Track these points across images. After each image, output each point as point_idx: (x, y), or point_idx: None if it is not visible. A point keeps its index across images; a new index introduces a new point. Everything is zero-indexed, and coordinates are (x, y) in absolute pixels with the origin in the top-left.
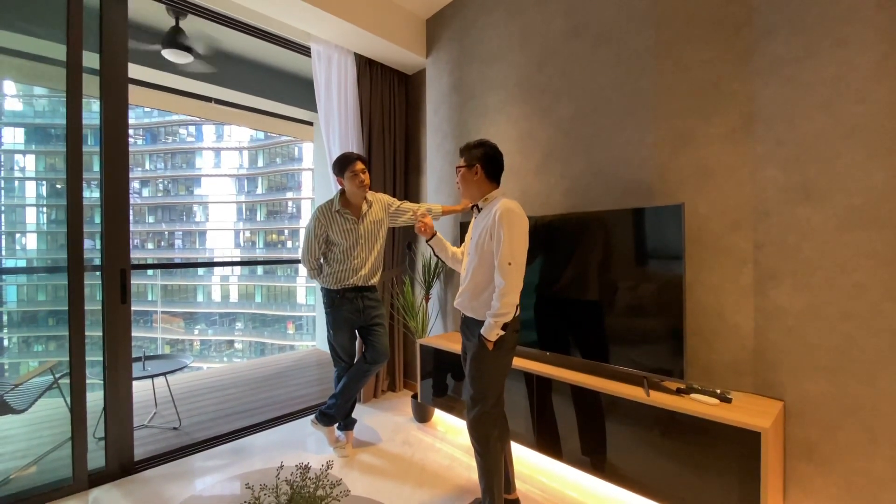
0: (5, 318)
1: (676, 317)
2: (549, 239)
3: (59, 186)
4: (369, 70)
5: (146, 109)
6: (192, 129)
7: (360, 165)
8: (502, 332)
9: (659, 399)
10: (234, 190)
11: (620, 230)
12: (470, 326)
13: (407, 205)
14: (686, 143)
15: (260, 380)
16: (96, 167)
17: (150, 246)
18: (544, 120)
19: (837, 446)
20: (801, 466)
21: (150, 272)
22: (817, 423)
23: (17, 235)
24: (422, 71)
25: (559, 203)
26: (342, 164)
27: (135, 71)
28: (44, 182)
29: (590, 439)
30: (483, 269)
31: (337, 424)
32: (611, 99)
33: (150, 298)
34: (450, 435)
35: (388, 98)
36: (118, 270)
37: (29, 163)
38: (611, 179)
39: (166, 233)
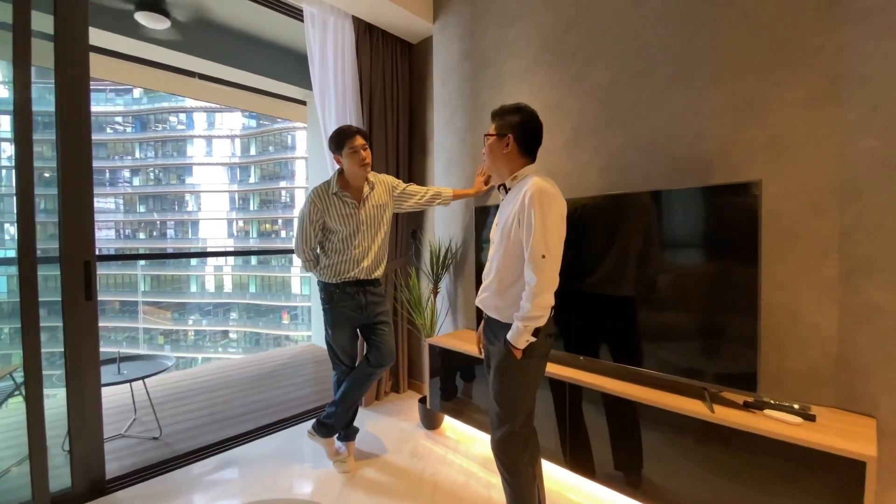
0: None
1: (748, 317)
2: (582, 225)
3: (46, 175)
4: (369, 36)
5: (135, 96)
6: (182, 116)
7: (360, 140)
8: (533, 339)
9: (725, 416)
10: (226, 179)
11: (675, 214)
12: (494, 329)
13: (413, 188)
14: (754, 111)
15: (252, 380)
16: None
17: (141, 236)
18: (575, 88)
19: None
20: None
21: (142, 263)
22: None
23: (6, 225)
24: (427, 40)
25: (593, 184)
26: (339, 139)
27: (102, 38)
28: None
29: (633, 460)
30: (510, 261)
31: (337, 435)
32: (658, 61)
33: (143, 289)
34: (462, 444)
35: (391, 69)
36: (81, 263)
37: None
38: (658, 155)
39: (158, 222)
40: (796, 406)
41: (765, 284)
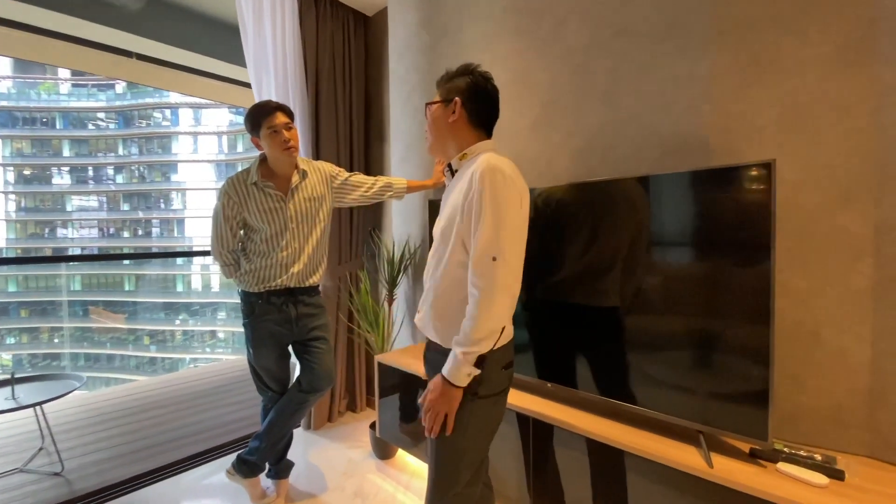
0: None
1: (757, 338)
2: (551, 221)
3: (26, 173)
4: (315, 5)
5: (118, 92)
6: (167, 112)
7: (280, 118)
8: (476, 372)
9: (725, 471)
10: (213, 176)
11: (663, 206)
12: (434, 359)
13: (358, 178)
14: (764, 73)
15: (193, 397)
16: (67, 151)
17: (126, 234)
18: (545, 54)
19: None
20: None
21: (126, 262)
22: None
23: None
24: (384, 11)
25: (565, 170)
26: (255, 118)
27: (21, 11)
28: (11, 168)
29: None
30: (454, 264)
31: (266, 471)
32: (644, 15)
33: (127, 288)
34: (416, 480)
35: (342, 45)
36: None
37: None
38: (644, 133)
39: (143, 220)
40: (818, 457)
41: (777, 297)
